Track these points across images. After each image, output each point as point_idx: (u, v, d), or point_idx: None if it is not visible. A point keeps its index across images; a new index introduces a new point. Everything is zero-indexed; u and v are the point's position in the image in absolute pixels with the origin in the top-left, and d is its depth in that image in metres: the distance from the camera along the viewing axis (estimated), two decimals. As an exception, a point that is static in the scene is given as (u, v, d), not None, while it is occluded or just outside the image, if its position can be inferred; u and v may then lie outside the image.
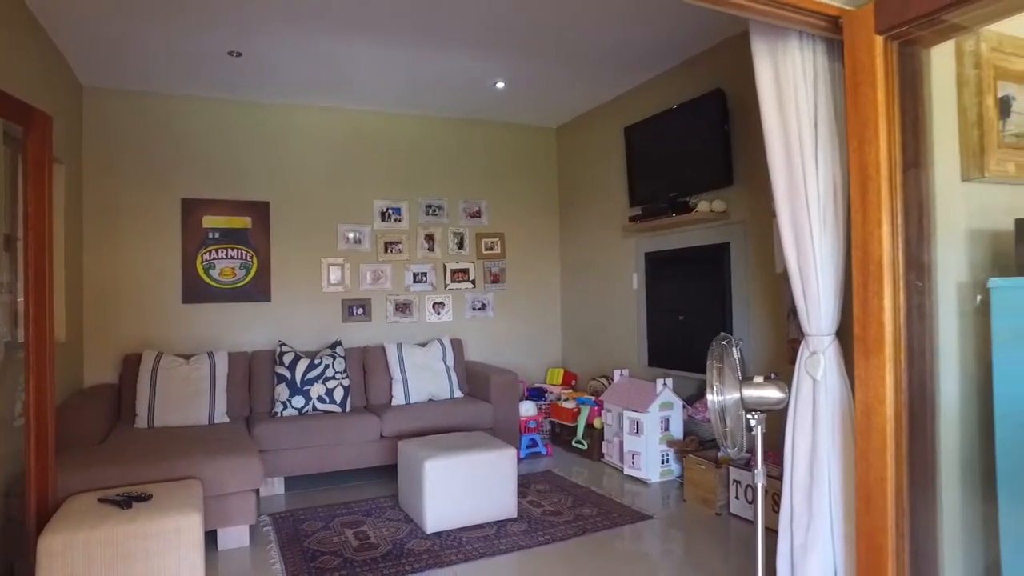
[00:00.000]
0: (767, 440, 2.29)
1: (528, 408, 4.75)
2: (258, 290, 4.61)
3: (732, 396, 2.25)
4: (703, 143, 3.98)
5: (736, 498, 3.41)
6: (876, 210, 1.89)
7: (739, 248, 3.83)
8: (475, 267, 5.38)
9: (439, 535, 3.22)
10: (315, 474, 4.10)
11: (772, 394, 2.20)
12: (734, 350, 2.27)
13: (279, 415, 4.04)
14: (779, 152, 2.21)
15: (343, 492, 3.97)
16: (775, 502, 3.04)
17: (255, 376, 4.30)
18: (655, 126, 4.41)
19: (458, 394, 4.62)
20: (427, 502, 3.23)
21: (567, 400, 4.89)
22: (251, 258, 4.60)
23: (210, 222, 4.50)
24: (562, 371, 5.50)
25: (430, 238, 5.22)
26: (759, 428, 2.25)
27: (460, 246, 5.34)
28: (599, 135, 5.17)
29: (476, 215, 5.41)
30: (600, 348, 5.21)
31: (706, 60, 4.04)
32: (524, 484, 3.99)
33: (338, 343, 4.47)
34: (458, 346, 4.90)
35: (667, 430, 4.06)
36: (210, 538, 3.03)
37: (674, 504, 3.65)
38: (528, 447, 4.69)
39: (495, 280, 5.47)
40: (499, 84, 4.55)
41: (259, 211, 4.63)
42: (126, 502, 2.63)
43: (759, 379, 2.22)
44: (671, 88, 4.33)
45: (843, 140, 2.08)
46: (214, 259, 4.50)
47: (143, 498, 2.68)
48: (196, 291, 4.45)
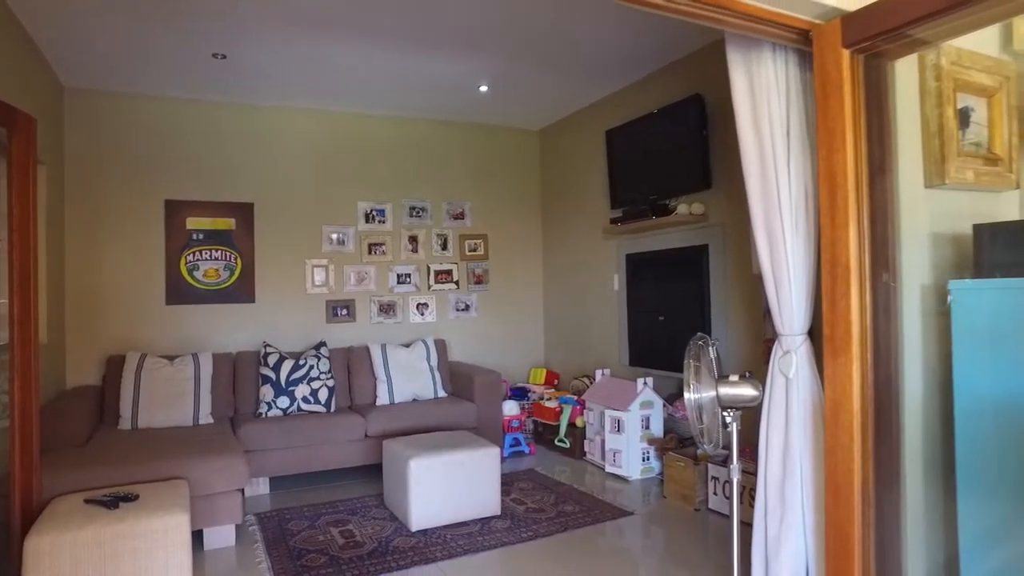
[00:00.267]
0: (743, 436, 2.37)
1: (511, 407, 4.81)
2: (242, 291, 4.62)
3: (708, 394, 2.33)
4: (682, 147, 4.07)
5: (714, 494, 3.50)
6: (844, 215, 1.97)
7: (717, 250, 3.92)
8: (458, 268, 5.43)
9: (424, 532, 3.27)
10: (300, 474, 4.12)
11: (747, 392, 2.28)
12: (710, 350, 2.35)
13: (264, 416, 4.06)
14: (753, 159, 2.29)
15: (328, 491, 4.00)
16: (752, 497, 3.13)
17: (240, 377, 4.31)
18: (636, 130, 4.49)
19: (442, 394, 4.67)
20: (412, 500, 3.28)
21: (550, 399, 4.96)
22: (235, 259, 4.61)
23: (194, 223, 4.50)
24: (545, 371, 5.57)
25: (414, 239, 5.26)
26: (734, 425, 2.33)
27: (444, 247, 5.39)
28: (581, 138, 5.24)
29: (460, 217, 5.46)
30: (582, 348, 5.29)
31: (685, 66, 4.13)
32: (508, 482, 4.05)
33: (323, 344, 4.50)
34: (442, 346, 4.95)
35: (648, 428, 4.14)
36: (196, 538, 3.05)
37: (654, 500, 3.73)
38: (511, 446, 4.75)
39: (478, 281, 5.52)
40: (483, 87, 4.60)
41: (243, 212, 4.64)
42: (113, 502, 2.65)
43: (734, 378, 2.30)
44: (652, 93, 4.42)
45: (814, 147, 2.17)
46: (198, 260, 4.51)
47: (130, 498, 2.70)
48: (180, 292, 4.45)
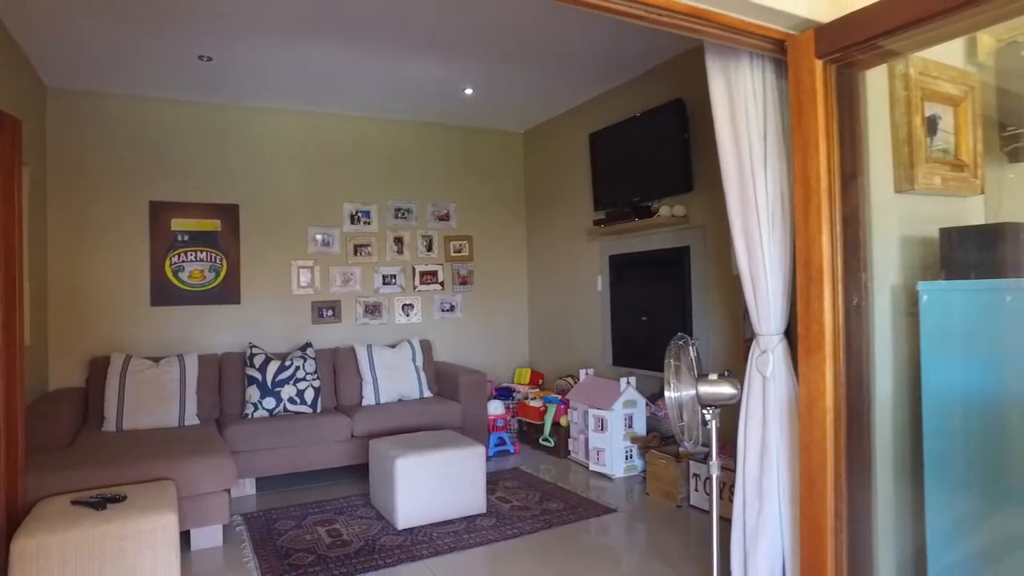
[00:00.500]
0: (722, 434, 2.45)
1: (496, 407, 4.86)
2: (228, 292, 4.63)
3: (688, 392, 2.40)
4: (664, 150, 4.14)
5: (696, 490, 3.58)
6: (817, 219, 2.05)
7: (698, 251, 4.00)
8: (444, 269, 5.47)
9: (410, 531, 3.31)
10: (286, 474, 4.14)
11: (725, 390, 2.35)
12: (691, 349, 2.42)
13: (250, 416, 4.08)
14: (731, 164, 2.36)
15: (314, 491, 4.03)
16: (731, 493, 3.21)
17: (225, 378, 4.32)
18: (619, 133, 4.57)
19: (427, 394, 4.71)
20: (398, 499, 3.32)
21: (534, 399, 5.01)
22: (220, 261, 4.61)
23: (179, 225, 4.50)
24: (529, 371, 5.62)
25: (399, 241, 5.29)
26: (714, 422, 2.40)
27: (429, 248, 5.42)
28: (565, 141, 5.31)
29: (445, 218, 5.50)
30: (566, 348, 5.35)
31: (667, 70, 4.21)
32: (493, 481, 4.10)
33: (308, 345, 4.52)
34: (427, 347, 4.99)
35: (631, 427, 4.21)
36: (183, 539, 3.06)
37: (637, 498, 3.80)
38: (496, 445, 4.80)
39: (463, 282, 5.56)
40: (468, 90, 4.65)
41: (229, 214, 4.65)
42: (100, 503, 2.66)
43: (714, 376, 2.37)
44: (634, 96, 4.49)
45: (790, 153, 2.24)
46: (183, 262, 4.51)
47: (117, 499, 2.71)
48: (165, 294, 4.45)
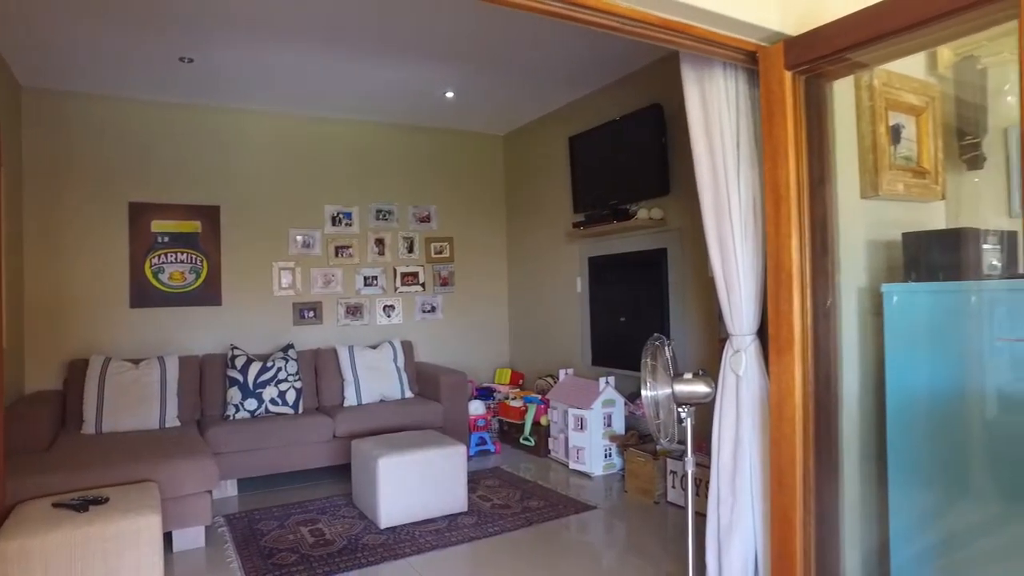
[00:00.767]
0: (697, 431, 2.52)
1: (477, 407, 4.91)
2: (209, 294, 4.62)
3: (664, 391, 2.47)
4: (642, 154, 4.23)
5: (673, 487, 3.66)
6: (787, 224, 2.13)
7: (675, 253, 4.09)
8: (425, 270, 5.51)
9: (393, 530, 3.35)
10: (268, 475, 4.15)
11: (700, 389, 2.42)
12: (666, 349, 2.50)
13: (231, 418, 4.08)
14: (706, 170, 2.44)
15: (297, 492, 4.04)
16: (707, 489, 3.29)
17: (206, 380, 4.32)
18: (598, 136, 4.64)
19: (409, 394, 4.74)
20: (381, 498, 3.35)
21: (514, 399, 5.07)
22: (201, 262, 4.61)
23: (159, 226, 4.49)
24: (510, 371, 5.68)
25: (380, 242, 5.32)
26: (689, 420, 2.48)
27: (410, 250, 5.46)
28: (545, 144, 5.37)
29: (426, 220, 5.54)
30: (546, 348, 5.42)
31: (645, 76, 4.29)
32: (474, 480, 4.15)
33: (290, 346, 4.53)
34: (408, 348, 5.03)
35: (610, 426, 4.29)
36: (165, 540, 3.07)
37: (616, 495, 3.88)
38: (477, 445, 4.85)
39: (444, 283, 5.60)
40: (449, 94, 4.69)
41: (209, 215, 4.64)
42: (82, 506, 2.66)
43: (689, 375, 2.45)
44: (613, 101, 4.57)
45: (762, 160, 2.32)
46: (163, 263, 4.49)
47: (99, 501, 2.72)
48: (145, 295, 4.43)
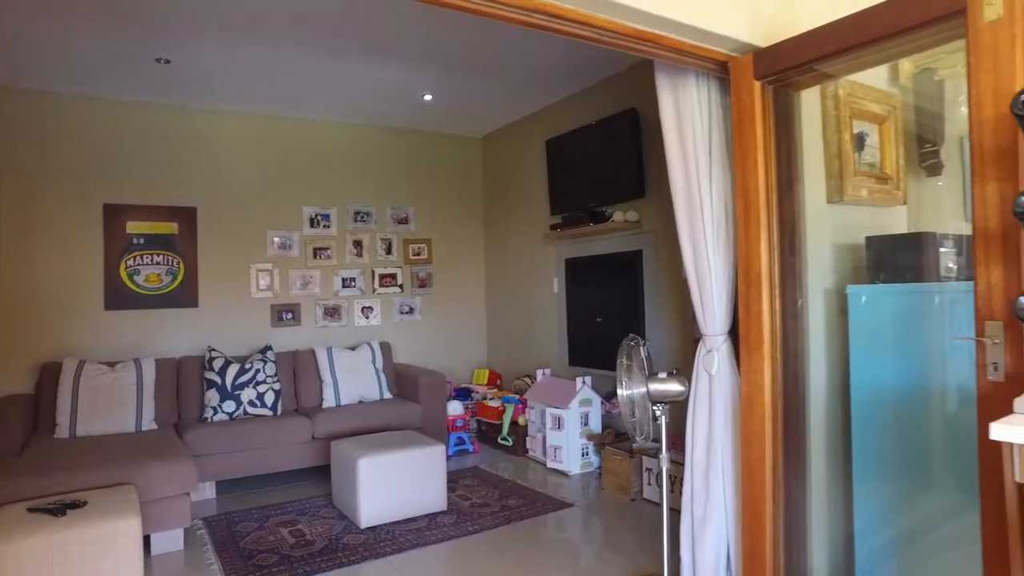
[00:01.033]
0: (671, 429, 2.60)
1: (455, 407, 4.94)
2: (185, 296, 4.59)
3: (640, 390, 2.54)
4: (618, 157, 4.30)
5: (648, 484, 3.74)
6: (756, 228, 2.21)
7: (650, 255, 4.17)
8: (403, 272, 5.53)
9: (373, 529, 3.38)
10: (247, 477, 4.14)
11: (674, 388, 2.50)
12: (642, 349, 2.57)
13: (209, 420, 4.07)
14: (679, 175, 2.51)
15: (276, 493, 4.04)
16: (681, 485, 3.37)
17: (183, 382, 4.29)
18: (575, 140, 4.71)
19: (387, 395, 4.76)
20: (361, 498, 3.37)
21: (492, 399, 5.12)
22: (178, 264, 4.58)
23: (134, 228, 4.45)
24: (487, 371, 5.73)
25: (358, 244, 5.33)
26: (664, 418, 2.55)
27: (388, 252, 5.47)
28: (522, 146, 5.43)
29: (404, 221, 5.56)
30: (523, 349, 5.48)
31: (621, 81, 4.37)
32: (453, 480, 4.19)
33: (268, 348, 4.52)
34: (387, 349, 5.04)
35: (587, 425, 4.36)
36: (143, 544, 3.05)
37: (593, 493, 3.95)
38: (456, 445, 4.88)
39: (422, 285, 5.63)
40: (427, 96, 4.72)
41: (186, 217, 4.61)
42: (60, 510, 2.64)
43: (663, 375, 2.52)
44: (590, 105, 4.64)
45: (732, 165, 2.40)
46: (139, 265, 4.46)
47: (77, 505, 2.70)
48: (120, 298, 4.39)
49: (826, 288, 2.40)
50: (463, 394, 5.34)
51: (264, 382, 4.29)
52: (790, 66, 2.07)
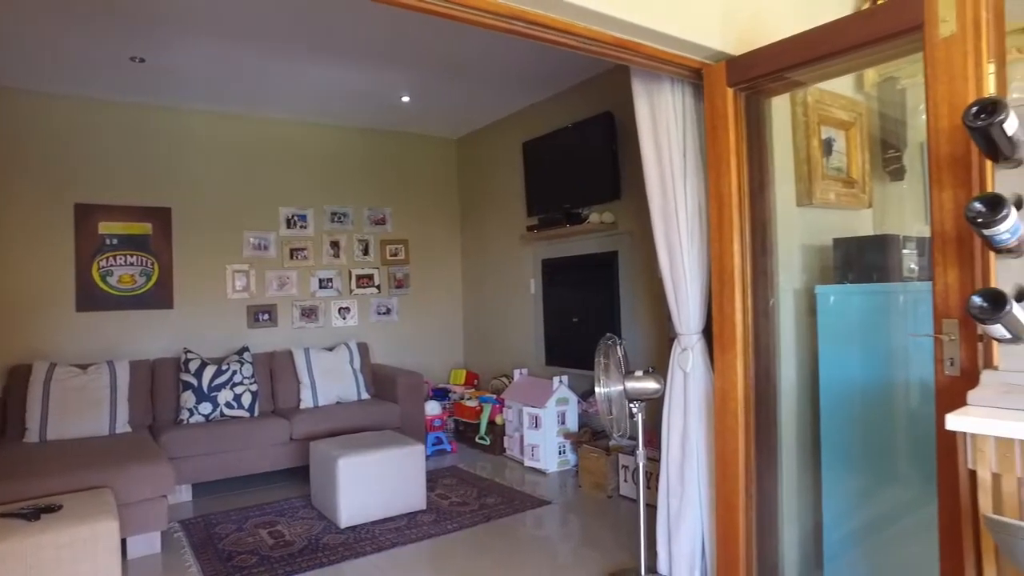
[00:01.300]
0: (648, 426, 2.66)
1: (433, 407, 4.97)
2: (160, 297, 4.54)
3: (617, 388, 2.61)
4: (594, 159, 4.37)
5: (625, 481, 3.81)
6: (729, 230, 2.29)
7: (626, 256, 4.25)
8: (380, 273, 5.54)
9: (353, 529, 3.39)
10: (224, 479, 4.10)
11: (650, 385, 2.57)
12: (618, 348, 2.63)
13: (185, 422, 4.04)
14: (654, 178, 2.58)
15: (254, 495, 4.02)
16: (657, 482, 3.45)
17: (158, 384, 4.25)
18: (551, 142, 4.77)
19: (365, 396, 4.77)
20: (341, 498, 3.38)
21: (470, 399, 5.15)
22: (152, 265, 4.52)
23: (107, 228, 4.39)
24: (465, 372, 5.76)
25: (335, 244, 5.32)
26: (640, 415, 2.62)
27: (365, 252, 5.47)
28: (499, 148, 5.47)
29: (381, 222, 5.57)
30: (501, 349, 5.52)
31: (597, 84, 4.43)
32: (432, 479, 4.21)
33: (245, 349, 4.50)
34: (364, 349, 5.05)
35: (564, 423, 4.41)
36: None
37: (571, 490, 4.00)
38: (434, 445, 4.90)
39: (399, 285, 5.64)
40: (404, 98, 4.74)
41: (160, 217, 4.56)
42: (33, 514, 2.60)
43: (640, 373, 2.59)
44: (566, 108, 4.71)
45: (706, 169, 2.48)
46: (112, 266, 4.40)
47: (52, 509, 2.67)
48: (92, 299, 4.33)
49: (796, 288, 2.48)
50: (441, 394, 5.36)
51: (241, 383, 4.26)
52: (761, 74, 2.15)
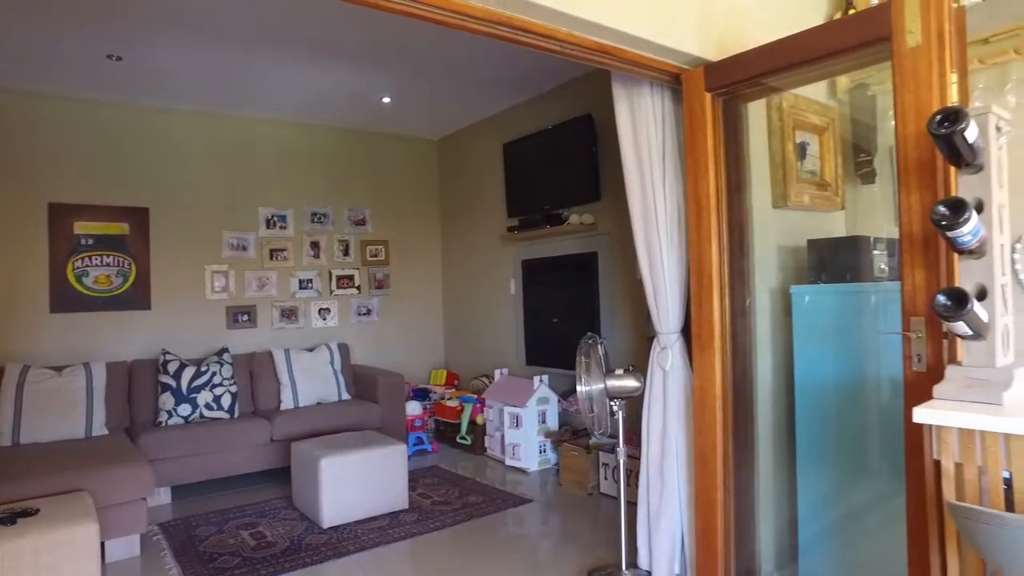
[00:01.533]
0: (628, 424, 2.71)
1: (414, 408, 4.98)
2: (137, 298, 4.49)
3: (597, 387, 2.65)
4: (574, 161, 4.42)
5: (605, 479, 3.86)
6: (707, 231, 2.34)
7: (605, 257, 4.30)
8: (360, 273, 5.53)
9: (335, 529, 3.39)
10: (204, 481, 4.07)
11: (631, 384, 2.62)
12: (599, 347, 2.67)
13: (164, 424, 4.00)
14: (634, 180, 2.63)
15: (234, 497, 4.00)
16: (637, 479, 3.50)
17: (136, 386, 4.20)
18: (531, 144, 4.81)
19: (346, 396, 4.76)
20: (323, 498, 3.38)
21: (451, 399, 5.17)
22: (129, 265, 4.47)
23: (82, 228, 4.32)
24: (445, 372, 5.77)
25: (315, 245, 5.30)
26: (620, 413, 2.66)
27: (345, 253, 5.46)
28: (479, 149, 5.50)
29: (361, 223, 5.56)
30: (481, 349, 5.54)
31: (577, 87, 4.48)
32: (413, 479, 4.22)
33: (224, 350, 4.46)
34: (345, 350, 5.04)
35: (544, 422, 4.45)
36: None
37: (552, 488, 4.04)
38: (415, 444, 4.91)
39: (380, 286, 5.64)
40: (385, 99, 4.75)
41: (137, 217, 4.51)
42: (9, 519, 2.57)
43: (620, 371, 2.64)
44: (546, 110, 4.75)
45: (685, 171, 2.53)
46: (87, 267, 4.34)
47: (29, 513, 2.64)
48: (67, 300, 4.27)
49: (772, 288, 2.55)
50: (421, 394, 5.37)
51: (221, 384, 4.23)
52: (738, 79, 2.20)
